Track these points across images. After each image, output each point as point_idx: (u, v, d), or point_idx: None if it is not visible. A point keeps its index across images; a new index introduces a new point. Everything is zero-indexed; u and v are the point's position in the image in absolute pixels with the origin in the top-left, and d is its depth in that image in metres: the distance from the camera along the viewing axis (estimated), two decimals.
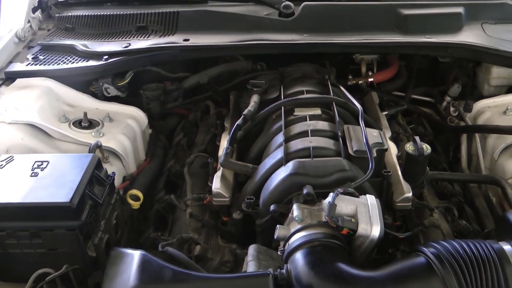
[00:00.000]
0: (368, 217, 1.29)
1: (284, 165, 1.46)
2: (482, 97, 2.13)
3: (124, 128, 1.91)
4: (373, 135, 1.59)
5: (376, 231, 1.27)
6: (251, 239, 1.53)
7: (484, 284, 1.15)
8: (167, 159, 2.00)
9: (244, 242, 1.56)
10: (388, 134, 1.79)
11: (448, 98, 2.24)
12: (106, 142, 1.79)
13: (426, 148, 1.56)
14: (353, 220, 1.28)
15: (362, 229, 1.27)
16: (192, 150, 1.99)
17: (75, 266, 1.40)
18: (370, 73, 2.26)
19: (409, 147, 1.57)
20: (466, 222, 1.59)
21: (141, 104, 2.05)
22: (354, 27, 2.03)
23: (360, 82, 2.24)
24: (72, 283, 1.41)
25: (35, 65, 1.97)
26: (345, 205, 1.31)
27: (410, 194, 1.51)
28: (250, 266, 1.35)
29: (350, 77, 2.26)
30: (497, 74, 2.12)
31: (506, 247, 1.22)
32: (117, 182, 1.77)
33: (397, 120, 2.10)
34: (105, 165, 1.73)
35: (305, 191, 1.36)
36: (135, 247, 1.41)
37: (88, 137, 1.79)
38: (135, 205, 1.67)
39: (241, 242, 1.58)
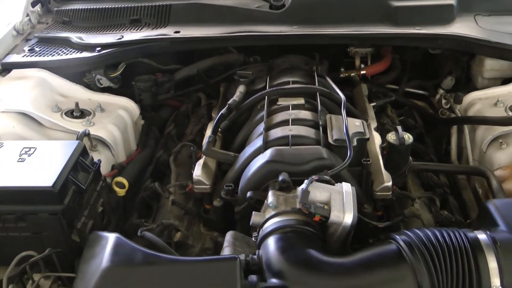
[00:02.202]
0: (341, 204, 1.29)
1: (263, 152, 1.48)
2: (476, 90, 2.11)
3: (115, 118, 1.95)
4: (355, 124, 1.60)
5: (348, 218, 1.27)
6: (232, 227, 1.55)
7: (455, 273, 1.15)
8: (157, 149, 2.03)
9: (225, 230, 1.57)
10: (374, 125, 1.79)
11: (441, 91, 2.23)
12: (95, 131, 1.83)
13: (408, 137, 1.56)
14: (326, 207, 1.29)
15: (334, 216, 1.28)
16: (181, 141, 2.02)
17: (57, 250, 1.44)
18: (362, 66, 2.26)
19: (391, 136, 1.57)
20: (448, 213, 1.58)
21: (133, 96, 2.09)
22: (344, 19, 2.03)
23: (352, 74, 2.24)
24: (56, 267, 1.45)
25: (31, 56, 2.03)
26: (319, 192, 1.32)
27: (390, 183, 1.51)
28: (225, 252, 1.37)
29: (342, 69, 2.27)
30: (490, 66, 2.10)
31: (481, 236, 1.22)
32: (106, 170, 1.82)
33: (386, 111, 2.10)
34: (93, 153, 1.78)
35: (280, 178, 1.37)
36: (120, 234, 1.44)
37: (78, 126, 1.84)
38: (121, 192, 1.70)
39: (223, 230, 1.60)
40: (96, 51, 1.99)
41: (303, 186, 1.31)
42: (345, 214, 1.27)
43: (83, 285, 1.20)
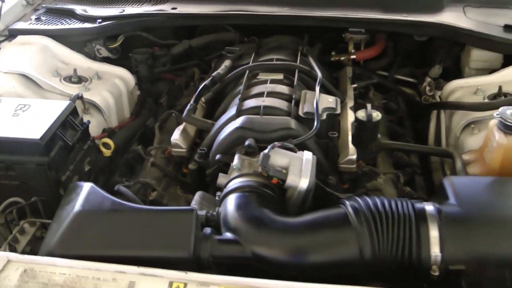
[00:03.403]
0: (299, 170, 1.38)
1: (235, 120, 1.57)
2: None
3: (110, 86, 2.07)
4: (328, 101, 1.68)
5: (304, 183, 1.36)
6: (207, 191, 1.65)
7: (396, 238, 1.21)
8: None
9: None
10: (351, 104, 1.86)
11: (428, 79, 2.27)
12: (90, 96, 1.96)
13: (377, 115, 1.63)
14: (284, 171, 1.38)
15: (291, 180, 1.37)
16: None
17: (42, 198, 1.57)
18: (353, 51, 2.32)
19: (360, 113, 1.65)
20: (411, 190, 1.65)
21: (130, 67, 2.21)
22: (336, 3, 2.11)
23: (342, 58, 2.31)
24: (41, 216, 1.58)
25: (37, 24, 2.17)
26: (280, 157, 1.41)
27: (354, 157, 1.59)
28: None
29: (333, 53, 2.33)
30: (477, 57, 2.14)
31: (428, 207, 1.27)
32: (97, 132, 1.95)
33: (368, 94, 2.16)
34: (85, 116, 1.91)
35: (246, 143, 1.47)
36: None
37: (75, 90, 1.96)
38: (107, 152, 1.82)
39: None
40: (97, 23, 2.12)
41: (265, 151, 1.40)
42: (301, 179, 1.36)
43: (57, 227, 1.32)
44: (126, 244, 1.26)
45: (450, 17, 2.04)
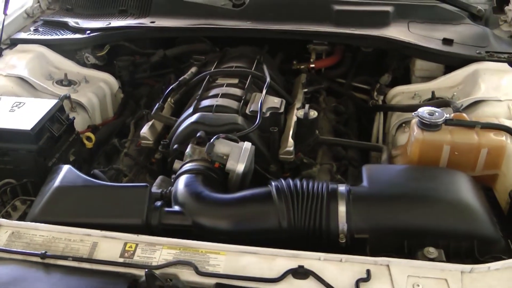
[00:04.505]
0: (238, 156, 1.68)
1: (191, 116, 1.88)
2: None
3: (96, 89, 2.40)
4: (274, 101, 1.98)
5: (241, 167, 1.66)
6: (170, 176, 1.95)
7: (309, 213, 1.48)
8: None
9: None
10: (298, 105, 2.15)
11: (378, 86, 2.56)
12: (77, 96, 2.28)
13: (313, 114, 1.93)
14: (225, 157, 1.68)
15: (230, 164, 1.67)
16: None
17: (31, 180, 1.89)
18: (312, 60, 2.62)
19: (299, 112, 1.94)
20: (342, 178, 1.93)
21: (114, 73, 2.53)
22: (292, 18, 2.41)
23: (302, 67, 2.61)
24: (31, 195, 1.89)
25: (35, 35, 2.50)
26: (222, 146, 1.71)
27: (292, 149, 1.88)
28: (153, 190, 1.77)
29: (294, 62, 2.64)
30: (420, 66, 2.43)
31: (341, 188, 1.54)
32: (82, 128, 2.26)
33: (319, 98, 2.46)
34: (72, 113, 2.23)
35: (197, 135, 1.76)
36: None
37: (64, 92, 2.28)
38: (89, 144, 2.13)
39: None
40: (87, 34, 2.46)
41: (211, 140, 1.70)
42: (238, 164, 1.66)
43: (40, 199, 1.62)
44: (93, 213, 1.57)
45: (394, 31, 2.33)
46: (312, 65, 2.61)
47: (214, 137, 1.70)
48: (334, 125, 2.25)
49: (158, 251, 1.45)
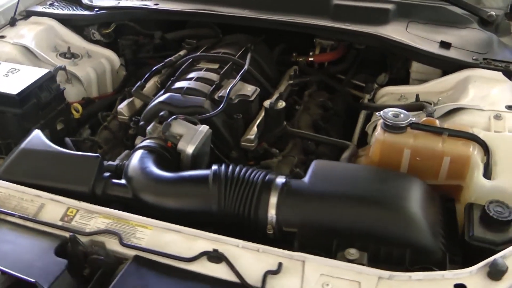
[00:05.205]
0: (190, 138, 1.71)
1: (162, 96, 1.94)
2: None
3: (96, 64, 2.51)
4: (247, 89, 1.98)
5: (191, 149, 1.69)
6: None
7: (239, 198, 1.49)
8: None
9: None
10: (276, 95, 2.13)
11: (375, 85, 2.48)
12: (75, 69, 2.41)
13: (281, 105, 1.91)
14: (178, 137, 1.72)
15: (181, 145, 1.70)
16: None
17: (15, 141, 2.02)
18: (311, 53, 2.58)
19: (267, 102, 1.93)
20: (301, 171, 1.89)
21: (118, 51, 2.63)
22: (290, 9, 2.38)
23: (300, 59, 2.58)
24: None
25: (49, 8, 2.66)
26: (179, 126, 1.75)
27: (253, 137, 1.88)
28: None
29: (294, 54, 2.61)
30: (416, 68, 2.33)
31: (279, 179, 1.52)
32: (77, 99, 2.38)
33: (306, 91, 2.42)
34: (67, 85, 2.35)
35: (160, 113, 1.81)
36: None
37: (65, 64, 2.41)
38: (76, 115, 2.25)
39: None
40: (94, 11, 2.57)
41: (169, 120, 1.74)
42: (189, 145, 1.69)
43: (7, 161, 1.73)
44: (48, 177, 1.66)
45: (389, 30, 2.25)
46: (311, 59, 2.57)
47: (173, 117, 1.74)
48: (314, 119, 2.22)
49: (94, 219, 1.52)
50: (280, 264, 1.34)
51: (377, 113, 1.73)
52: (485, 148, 1.63)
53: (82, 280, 1.40)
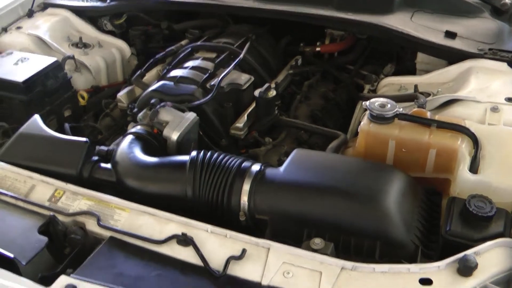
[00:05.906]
0: (176, 125, 1.74)
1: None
2: None
3: (107, 53, 2.59)
4: (240, 78, 1.99)
5: (175, 135, 1.72)
6: None
7: (213, 185, 1.50)
8: None
9: None
10: (273, 85, 2.12)
11: (382, 76, 2.41)
12: (85, 59, 2.49)
13: (271, 94, 1.90)
14: (164, 124, 1.75)
15: (166, 131, 1.74)
16: None
17: (20, 126, 2.12)
18: (318, 44, 2.55)
19: (257, 91, 1.93)
20: None
21: (129, 41, 2.70)
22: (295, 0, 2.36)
23: (307, 49, 2.55)
24: None
25: (64, 0, 2.76)
26: (166, 113, 1.78)
27: (241, 125, 1.89)
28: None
29: (301, 44, 2.58)
30: (421, 59, 2.25)
31: (255, 167, 1.53)
32: (86, 87, 2.46)
33: (307, 80, 2.38)
34: (76, 73, 2.44)
35: (151, 101, 1.85)
36: None
37: (76, 53, 2.51)
38: (82, 102, 2.33)
39: None
40: (107, 2, 2.65)
41: (157, 107, 1.78)
42: (174, 132, 1.72)
43: (7, 144, 1.83)
44: (40, 160, 1.74)
45: (393, 19, 2.18)
46: (318, 49, 2.54)
47: (161, 104, 1.78)
48: (312, 109, 2.19)
49: (78, 200, 1.58)
50: (244, 250, 1.34)
51: (363, 103, 1.69)
52: (475, 141, 1.56)
53: (63, 258, 1.47)
